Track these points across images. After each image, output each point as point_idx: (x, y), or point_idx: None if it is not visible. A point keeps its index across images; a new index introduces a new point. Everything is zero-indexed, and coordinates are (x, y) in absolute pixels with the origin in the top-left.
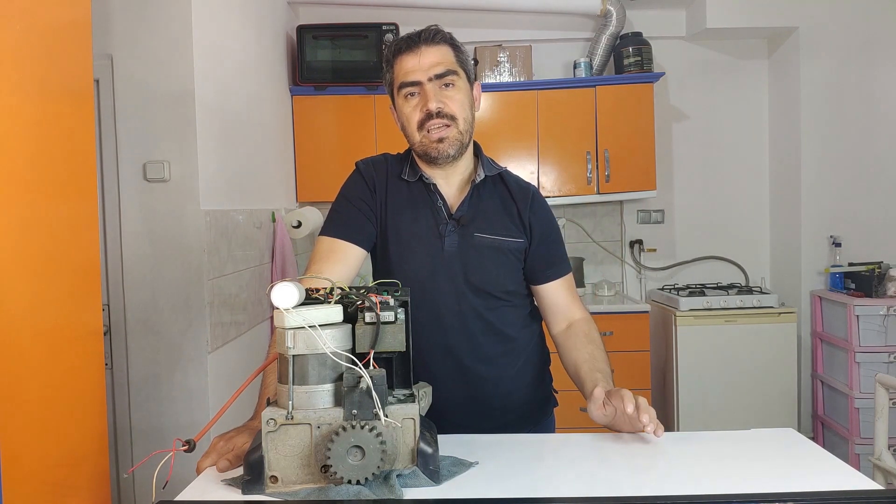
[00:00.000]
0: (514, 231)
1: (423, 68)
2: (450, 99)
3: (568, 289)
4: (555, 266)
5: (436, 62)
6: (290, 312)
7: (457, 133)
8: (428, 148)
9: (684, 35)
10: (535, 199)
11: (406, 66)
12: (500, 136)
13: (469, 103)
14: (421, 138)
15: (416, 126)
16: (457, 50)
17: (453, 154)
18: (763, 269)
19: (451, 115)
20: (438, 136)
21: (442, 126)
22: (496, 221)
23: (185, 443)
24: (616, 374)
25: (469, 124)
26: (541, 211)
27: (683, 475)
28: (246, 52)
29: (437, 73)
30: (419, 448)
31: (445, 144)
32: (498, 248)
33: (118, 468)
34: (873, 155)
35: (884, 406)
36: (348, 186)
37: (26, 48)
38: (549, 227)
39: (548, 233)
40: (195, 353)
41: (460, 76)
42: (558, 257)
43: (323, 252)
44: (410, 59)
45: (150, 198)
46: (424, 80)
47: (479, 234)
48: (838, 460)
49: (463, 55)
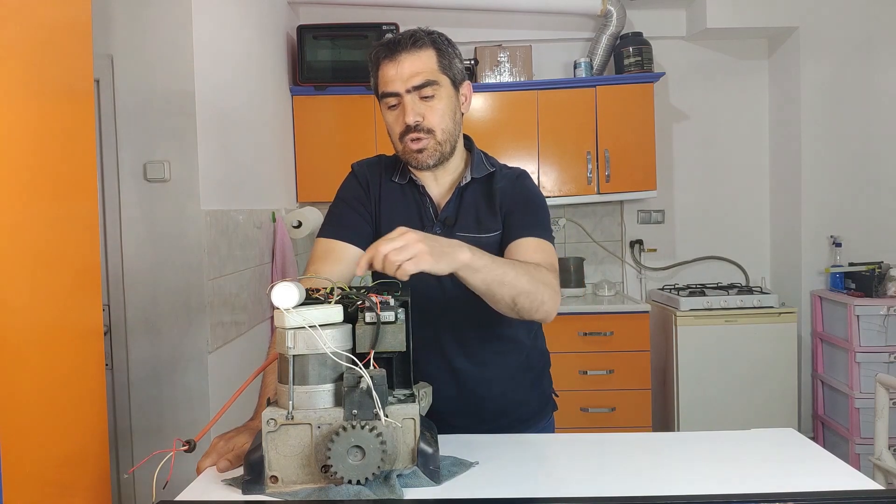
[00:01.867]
0: (492, 225)
1: (401, 78)
2: (429, 110)
3: (536, 246)
4: (524, 229)
5: (415, 72)
6: (291, 312)
7: (434, 144)
8: (408, 157)
9: (684, 35)
10: (515, 182)
11: (386, 75)
12: (500, 136)
13: (451, 111)
14: (402, 148)
15: (397, 136)
16: (440, 53)
17: (432, 164)
18: (763, 269)
19: (428, 129)
20: (416, 147)
21: (418, 138)
22: (479, 220)
23: (185, 443)
24: (616, 374)
25: (449, 133)
26: (513, 187)
27: (683, 475)
28: (246, 52)
29: (415, 84)
30: (419, 448)
31: (424, 155)
32: (477, 246)
33: (118, 468)
34: (873, 155)
35: (884, 406)
36: (344, 188)
37: (26, 48)
38: (520, 196)
39: (518, 201)
40: (195, 353)
41: (441, 84)
42: (527, 223)
43: (321, 253)
44: (389, 67)
45: (150, 198)
46: (402, 92)
47: (460, 234)
48: (838, 460)
49: (447, 57)
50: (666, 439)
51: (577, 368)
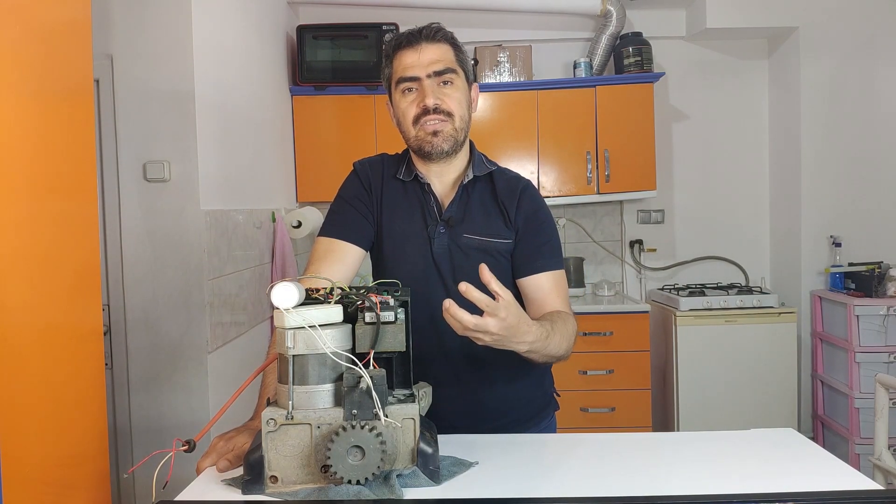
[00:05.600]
0: (502, 231)
1: (422, 64)
2: (447, 96)
3: (554, 284)
4: (540, 259)
5: (436, 59)
6: (290, 312)
7: (452, 129)
8: (422, 142)
9: (684, 35)
10: (522, 195)
11: (405, 61)
12: (500, 136)
13: (466, 102)
14: (416, 132)
15: (411, 121)
16: (457, 49)
17: (447, 150)
18: (763, 269)
19: (447, 112)
20: (433, 128)
21: (437, 121)
22: (485, 222)
23: (185, 443)
24: (616, 374)
25: (465, 122)
26: (527, 205)
27: (683, 475)
28: (246, 52)
29: (437, 69)
30: (419, 448)
31: (440, 139)
32: (485, 250)
33: (118, 468)
34: (873, 155)
35: (884, 406)
36: (345, 187)
37: (26, 48)
38: (535, 219)
39: (533, 225)
40: (195, 353)
41: (459, 75)
42: (545, 251)
43: (321, 252)
44: (410, 54)
45: (150, 198)
46: (423, 76)
47: (467, 236)
48: (838, 460)
49: (463, 55)
50: (666, 439)
51: (576, 368)
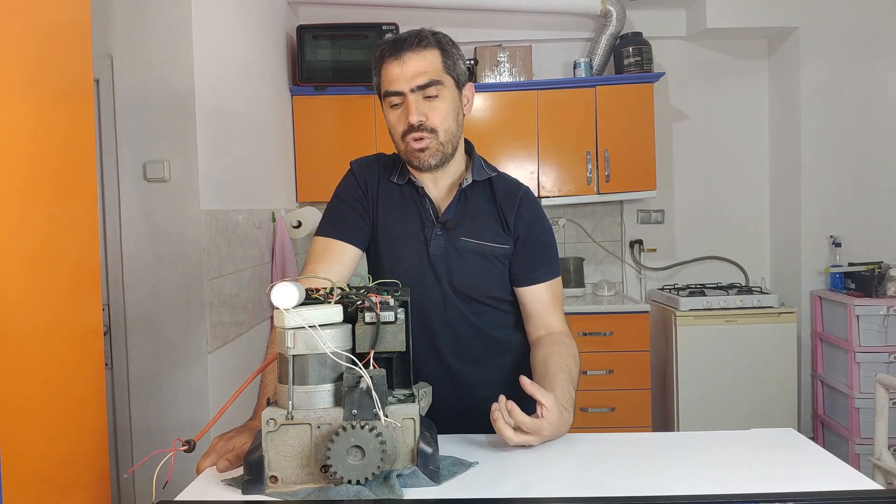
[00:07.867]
0: (500, 236)
1: (406, 77)
2: (432, 110)
3: (552, 296)
4: (539, 269)
5: (419, 71)
6: (290, 312)
7: (437, 144)
8: (410, 157)
9: (684, 35)
10: (522, 202)
11: (390, 73)
12: (500, 136)
13: (454, 112)
14: (404, 147)
15: (399, 136)
16: (445, 53)
17: (434, 164)
18: (763, 269)
19: (431, 128)
20: (419, 146)
21: (420, 139)
22: (483, 226)
23: (185, 443)
24: (616, 374)
25: (451, 134)
26: (528, 213)
27: (683, 475)
28: (246, 53)
29: (420, 83)
30: (419, 448)
31: (426, 154)
32: (483, 254)
33: (118, 468)
34: (873, 155)
35: (884, 406)
36: (342, 187)
37: (26, 48)
38: (534, 229)
39: (533, 235)
40: (195, 353)
41: (445, 84)
42: (544, 261)
43: (318, 252)
44: (394, 66)
45: (150, 198)
46: (407, 91)
47: (464, 239)
48: (838, 460)
49: (451, 58)
50: (666, 439)
51: None
